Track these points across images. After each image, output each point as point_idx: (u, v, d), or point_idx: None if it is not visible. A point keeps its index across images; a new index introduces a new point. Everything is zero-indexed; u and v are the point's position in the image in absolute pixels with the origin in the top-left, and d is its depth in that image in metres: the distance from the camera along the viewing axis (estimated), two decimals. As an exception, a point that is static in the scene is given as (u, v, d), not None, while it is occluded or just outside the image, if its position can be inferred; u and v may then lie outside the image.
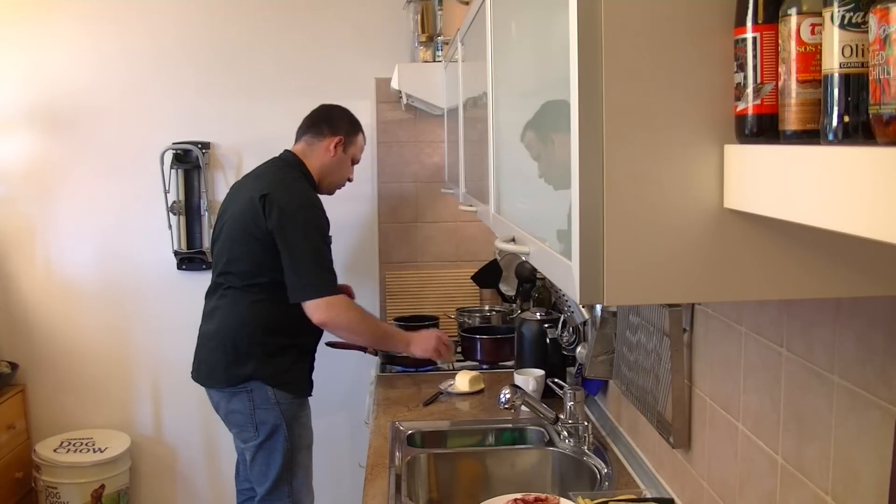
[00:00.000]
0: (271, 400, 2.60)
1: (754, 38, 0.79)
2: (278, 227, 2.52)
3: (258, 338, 2.59)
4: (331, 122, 2.76)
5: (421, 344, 2.73)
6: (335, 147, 2.73)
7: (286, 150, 2.80)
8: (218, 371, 2.66)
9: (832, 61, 0.68)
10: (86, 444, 3.52)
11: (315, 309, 2.52)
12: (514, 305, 3.21)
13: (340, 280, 3.63)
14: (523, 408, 2.32)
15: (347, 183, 2.88)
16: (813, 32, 0.73)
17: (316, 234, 2.56)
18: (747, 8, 0.79)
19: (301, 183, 2.67)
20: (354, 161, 2.83)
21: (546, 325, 2.60)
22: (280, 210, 2.52)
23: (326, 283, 2.55)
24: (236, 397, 2.63)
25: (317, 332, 2.69)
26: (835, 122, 0.68)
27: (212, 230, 3.09)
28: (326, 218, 2.64)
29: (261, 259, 2.57)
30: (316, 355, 2.83)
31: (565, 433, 2.20)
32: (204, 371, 2.71)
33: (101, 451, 3.47)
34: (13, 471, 3.46)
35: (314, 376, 2.87)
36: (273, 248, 2.54)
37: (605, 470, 2.05)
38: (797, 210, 0.70)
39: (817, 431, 1.18)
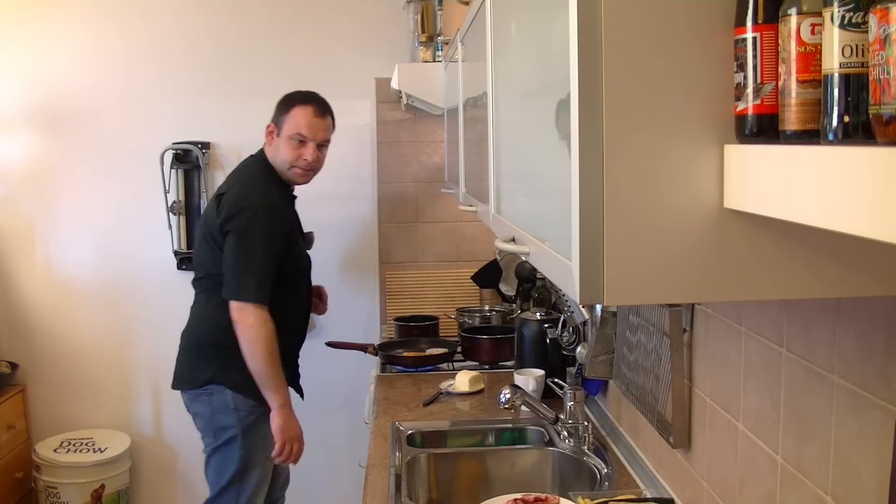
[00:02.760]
0: (230, 405, 2.55)
1: (754, 38, 0.79)
2: (224, 225, 2.51)
3: (220, 340, 2.54)
4: (274, 112, 2.69)
5: (285, 426, 2.53)
6: (269, 135, 2.66)
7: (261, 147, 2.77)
8: (183, 373, 2.66)
9: (832, 61, 0.68)
10: (86, 444, 3.52)
11: (231, 309, 2.48)
12: (514, 305, 3.21)
13: (337, 279, 3.65)
14: (523, 408, 2.32)
15: (304, 163, 2.61)
16: (813, 32, 0.73)
17: (255, 235, 2.49)
18: (747, 8, 0.79)
19: (256, 181, 2.61)
20: (292, 138, 2.59)
21: (546, 325, 2.60)
22: (227, 209, 2.52)
23: (246, 287, 2.46)
24: (197, 400, 2.62)
25: (289, 337, 2.65)
26: (835, 122, 0.68)
27: None
28: (281, 217, 2.57)
29: (221, 260, 2.54)
30: (298, 363, 2.77)
31: (565, 433, 2.20)
32: (175, 374, 2.70)
33: (101, 451, 3.47)
34: (13, 471, 3.46)
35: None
36: None
37: (605, 470, 2.05)
38: (797, 210, 0.70)
39: (817, 431, 1.18)
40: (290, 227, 2.62)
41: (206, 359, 2.59)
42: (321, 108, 2.65)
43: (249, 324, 2.46)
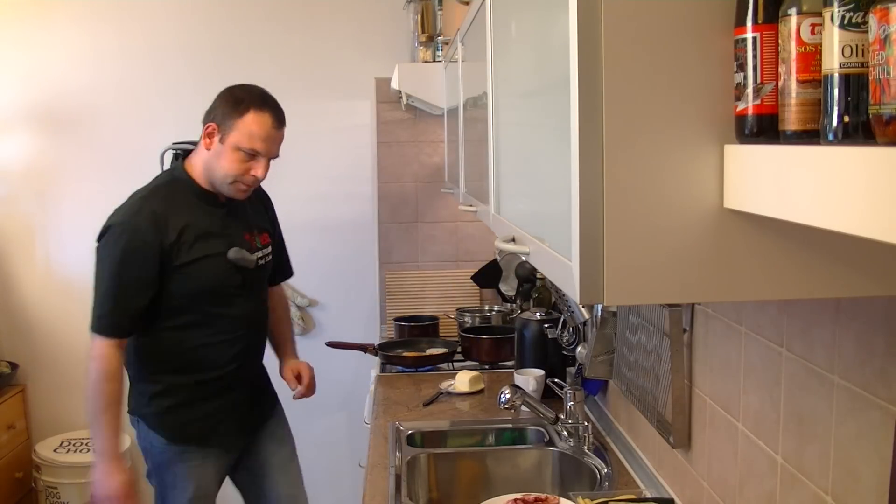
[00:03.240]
0: (147, 438, 2.30)
1: (754, 38, 0.79)
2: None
3: (133, 372, 2.29)
4: (211, 108, 2.25)
5: (100, 479, 2.18)
6: (208, 137, 2.22)
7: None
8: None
9: (832, 61, 0.68)
10: (86, 444, 3.51)
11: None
12: (514, 305, 3.21)
13: (337, 279, 3.64)
14: (523, 408, 2.32)
15: (251, 180, 2.22)
16: (813, 32, 0.73)
17: (105, 259, 2.16)
18: (747, 8, 0.79)
19: (136, 196, 2.24)
20: (242, 150, 2.18)
21: (546, 325, 2.60)
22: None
23: (94, 319, 2.17)
24: (131, 426, 2.36)
25: (211, 372, 2.29)
26: (835, 122, 0.68)
27: None
28: (150, 237, 2.13)
29: None
30: (231, 396, 2.35)
31: (565, 433, 2.20)
32: None
33: (101, 451, 3.47)
34: (13, 471, 3.46)
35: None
36: None
37: (605, 470, 2.05)
38: (797, 210, 0.70)
39: (817, 431, 1.18)
40: (174, 247, 2.16)
41: (129, 385, 2.31)
42: (279, 116, 2.23)
43: (90, 356, 2.17)
